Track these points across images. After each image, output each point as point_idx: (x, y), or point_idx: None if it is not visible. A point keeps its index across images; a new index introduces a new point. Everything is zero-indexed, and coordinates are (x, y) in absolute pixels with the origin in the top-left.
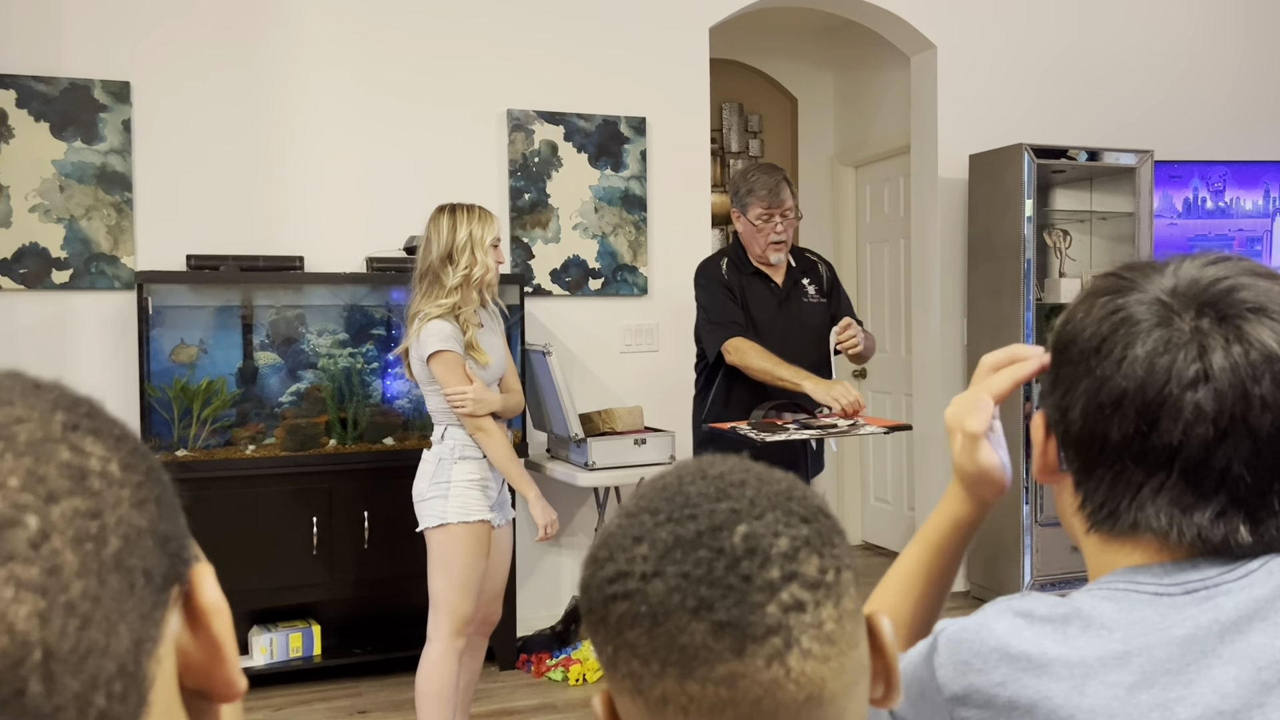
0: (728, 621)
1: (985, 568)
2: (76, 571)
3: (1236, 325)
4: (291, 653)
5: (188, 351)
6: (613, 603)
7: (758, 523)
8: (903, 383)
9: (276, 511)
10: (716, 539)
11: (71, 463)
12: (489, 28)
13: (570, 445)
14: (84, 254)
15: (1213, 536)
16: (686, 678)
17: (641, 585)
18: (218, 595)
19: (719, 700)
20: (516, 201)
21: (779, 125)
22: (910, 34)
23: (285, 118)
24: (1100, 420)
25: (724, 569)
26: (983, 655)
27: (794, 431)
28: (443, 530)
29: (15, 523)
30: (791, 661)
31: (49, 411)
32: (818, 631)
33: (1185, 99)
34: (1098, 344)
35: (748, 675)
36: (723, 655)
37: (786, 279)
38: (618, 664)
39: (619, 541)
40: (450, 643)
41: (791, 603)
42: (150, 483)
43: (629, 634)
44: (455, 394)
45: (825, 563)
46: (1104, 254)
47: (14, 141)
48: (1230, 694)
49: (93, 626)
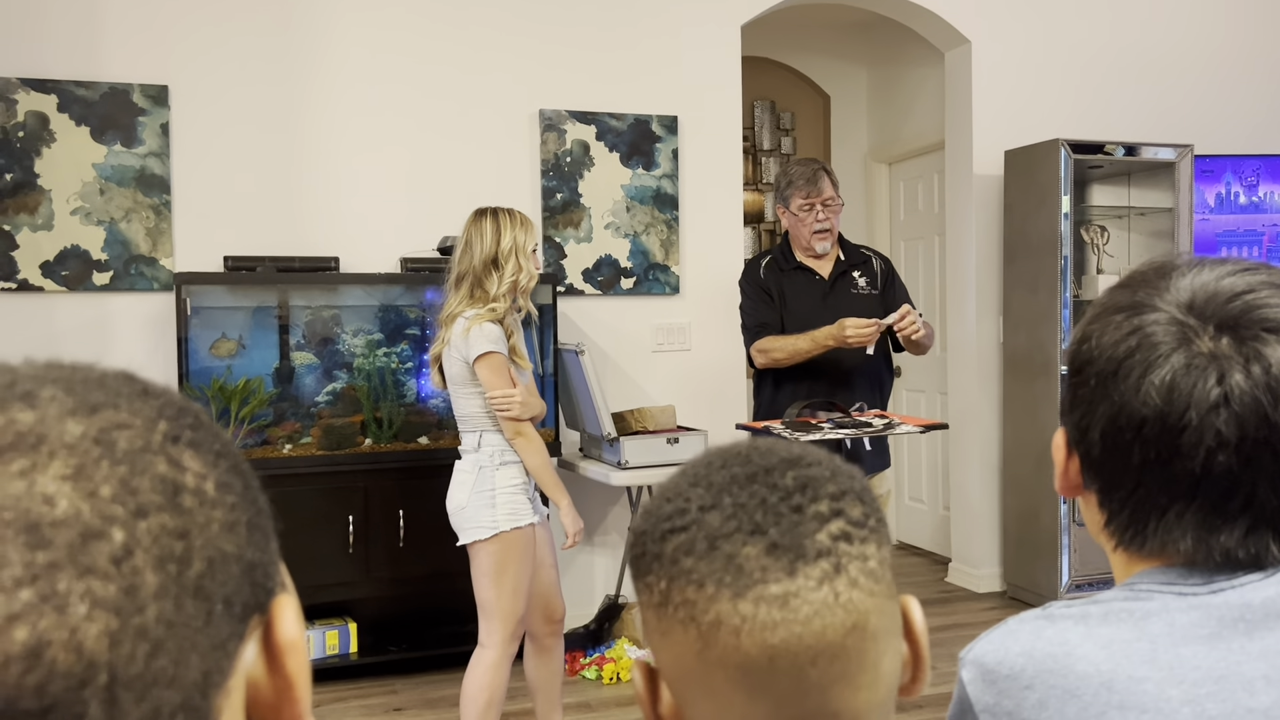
0: (781, 543)
1: (1022, 568)
2: (155, 593)
3: (1255, 347)
4: (328, 650)
5: (228, 346)
6: (670, 535)
7: (807, 470)
8: (938, 381)
9: (313, 510)
10: (770, 478)
11: (166, 477)
12: (521, 28)
13: (603, 444)
14: (123, 256)
15: (1241, 555)
16: (740, 597)
17: (699, 515)
18: (297, 631)
19: (771, 621)
20: (549, 201)
21: (811, 122)
22: (944, 29)
23: (320, 121)
24: (1120, 444)
25: (777, 500)
26: (1008, 662)
27: (828, 431)
28: (497, 539)
29: (101, 535)
30: (840, 586)
31: (153, 420)
32: (863, 565)
33: (1222, 92)
34: (1115, 367)
35: (799, 594)
36: (776, 574)
37: (833, 271)
38: (671, 597)
39: (676, 488)
40: (504, 649)
41: (840, 534)
42: (244, 505)
43: (685, 561)
44: (502, 397)
45: (868, 510)
46: (1142, 250)
47: (55, 145)
48: (1260, 691)
49: (163, 654)
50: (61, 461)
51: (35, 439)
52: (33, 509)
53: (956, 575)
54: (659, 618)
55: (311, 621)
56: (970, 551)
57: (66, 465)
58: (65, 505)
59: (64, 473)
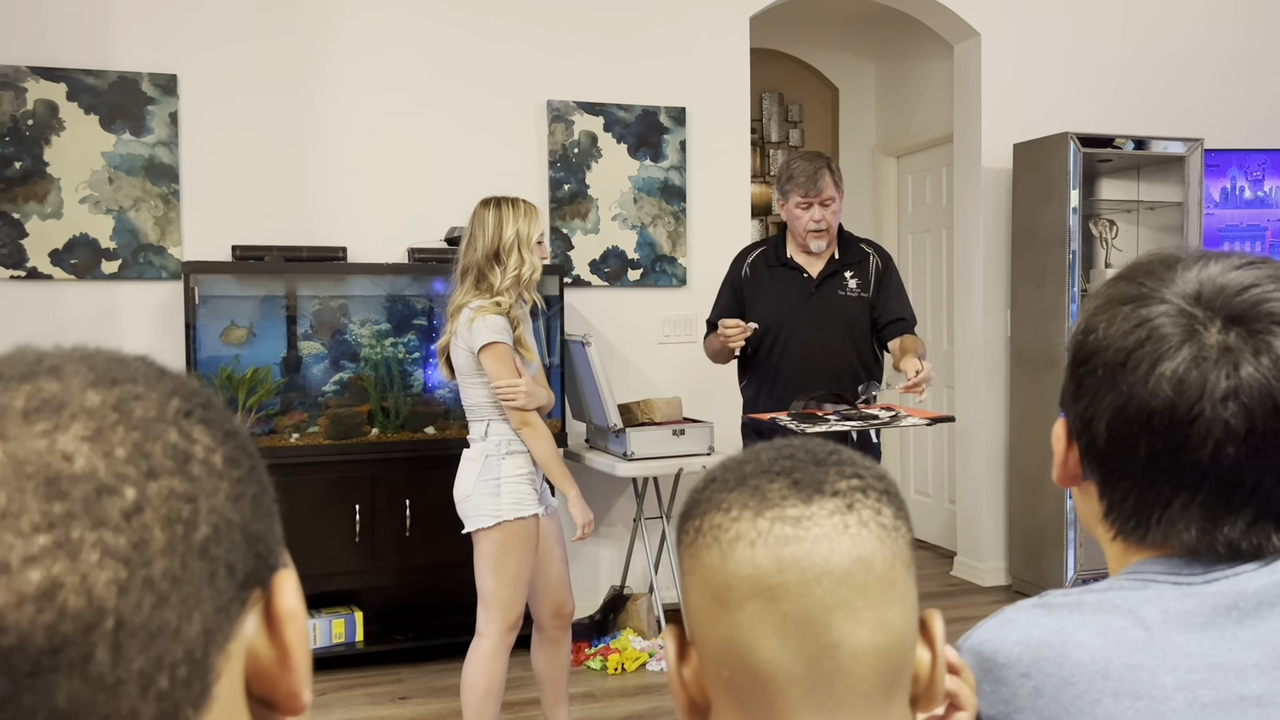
0: (803, 480)
1: (1028, 561)
2: (162, 549)
3: (1265, 339)
4: (334, 639)
5: (237, 333)
6: (710, 484)
7: (840, 454)
8: (944, 374)
9: (320, 499)
10: (806, 444)
11: (178, 445)
12: (529, 19)
13: (609, 435)
14: (132, 244)
15: (1244, 546)
16: (759, 515)
17: (739, 468)
18: (295, 603)
19: (783, 536)
20: (556, 192)
21: (820, 115)
22: (953, 21)
23: (328, 110)
24: (1127, 436)
25: (805, 456)
26: (1004, 650)
27: (834, 423)
28: (500, 528)
29: (114, 491)
30: (850, 520)
31: (167, 395)
32: (876, 515)
33: (1231, 86)
34: (1123, 358)
35: (811, 518)
36: (794, 502)
37: (823, 271)
38: (702, 527)
39: (722, 465)
40: (501, 639)
41: (859, 486)
42: (250, 481)
43: (718, 496)
44: (507, 386)
45: (891, 500)
46: (1151, 244)
47: (64, 134)
48: (1252, 679)
49: (168, 607)
50: (81, 424)
51: (58, 404)
52: (52, 464)
53: (962, 569)
54: (691, 554)
55: (318, 610)
56: (976, 545)
57: (86, 428)
58: (82, 462)
59: (83, 434)
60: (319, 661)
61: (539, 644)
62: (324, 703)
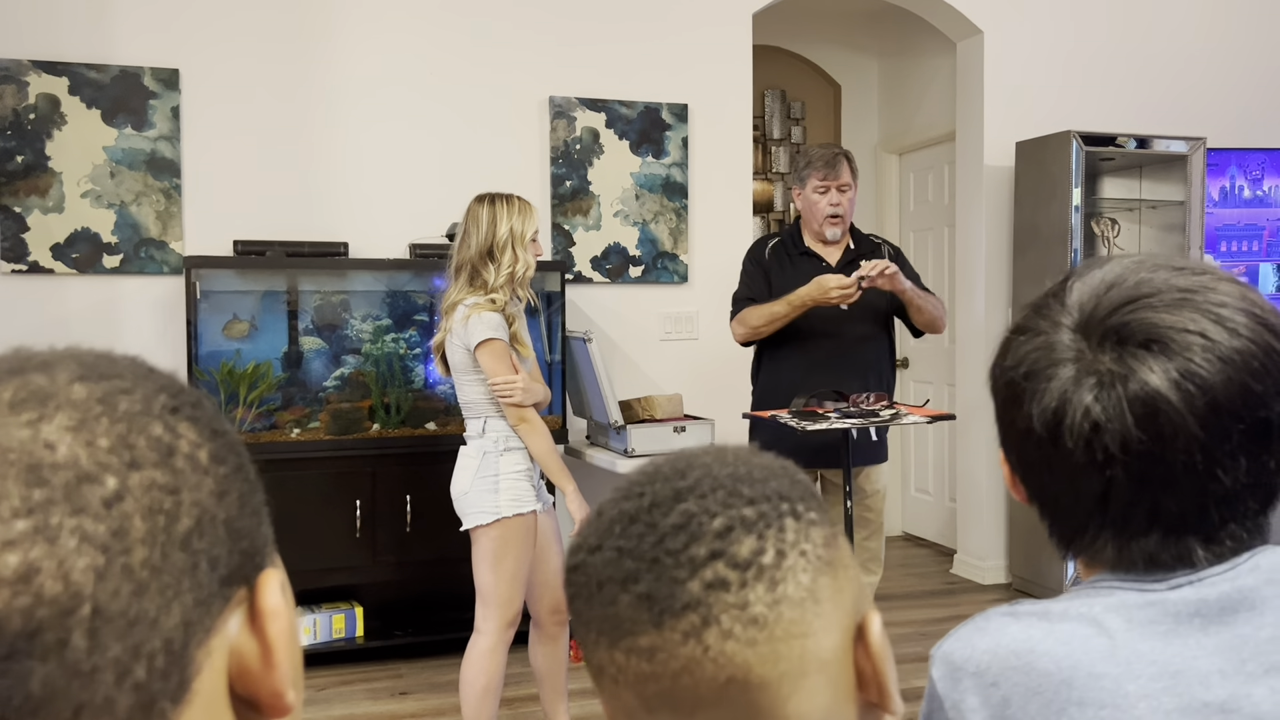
0: (648, 594)
1: (1027, 560)
2: (142, 539)
3: (1130, 363)
4: (334, 634)
5: (239, 328)
6: (571, 574)
7: (699, 501)
8: (945, 372)
9: (320, 494)
10: (652, 515)
11: (162, 439)
12: (532, 15)
13: (610, 432)
14: (133, 239)
15: (1166, 558)
16: (613, 647)
17: (588, 558)
18: (279, 600)
19: (641, 673)
20: (558, 189)
21: (822, 112)
22: (956, 19)
23: (331, 106)
24: (1031, 469)
25: (652, 544)
26: (974, 659)
27: (835, 420)
28: (498, 525)
29: (95, 480)
30: (709, 639)
31: (154, 392)
32: (741, 613)
33: (1230, 85)
34: (1015, 392)
35: (665, 648)
36: (644, 626)
37: (841, 259)
38: (574, 631)
39: (597, 510)
40: (500, 636)
41: (714, 580)
42: (236, 478)
43: (576, 604)
44: (505, 383)
45: (763, 544)
46: (1153, 243)
47: (66, 128)
48: (1215, 685)
49: (146, 596)
50: (66, 415)
51: (45, 396)
52: (35, 452)
53: (962, 567)
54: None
55: (318, 605)
56: (976, 543)
57: (70, 418)
58: (65, 451)
59: (67, 424)
60: (319, 656)
61: (537, 640)
62: (324, 698)
